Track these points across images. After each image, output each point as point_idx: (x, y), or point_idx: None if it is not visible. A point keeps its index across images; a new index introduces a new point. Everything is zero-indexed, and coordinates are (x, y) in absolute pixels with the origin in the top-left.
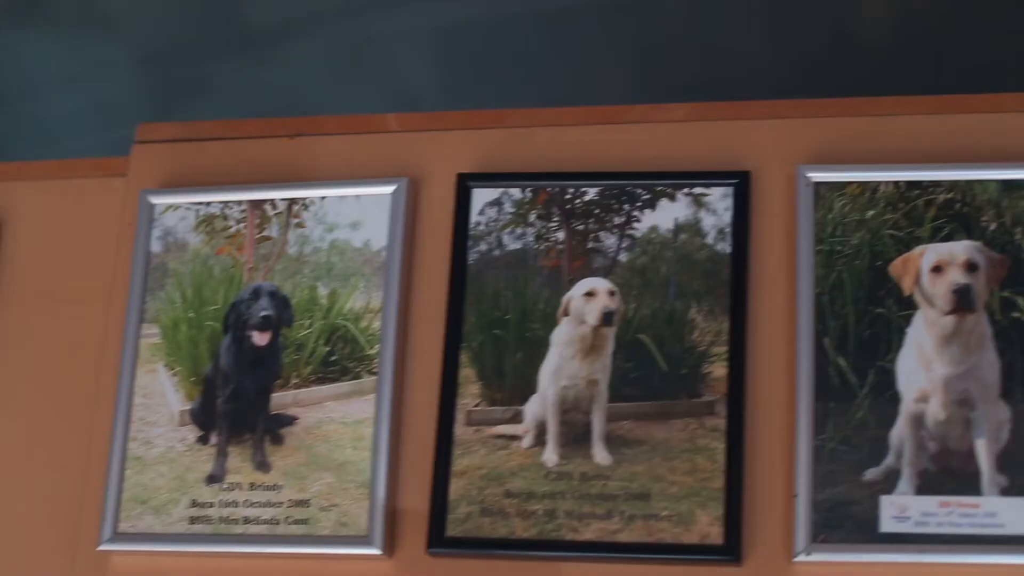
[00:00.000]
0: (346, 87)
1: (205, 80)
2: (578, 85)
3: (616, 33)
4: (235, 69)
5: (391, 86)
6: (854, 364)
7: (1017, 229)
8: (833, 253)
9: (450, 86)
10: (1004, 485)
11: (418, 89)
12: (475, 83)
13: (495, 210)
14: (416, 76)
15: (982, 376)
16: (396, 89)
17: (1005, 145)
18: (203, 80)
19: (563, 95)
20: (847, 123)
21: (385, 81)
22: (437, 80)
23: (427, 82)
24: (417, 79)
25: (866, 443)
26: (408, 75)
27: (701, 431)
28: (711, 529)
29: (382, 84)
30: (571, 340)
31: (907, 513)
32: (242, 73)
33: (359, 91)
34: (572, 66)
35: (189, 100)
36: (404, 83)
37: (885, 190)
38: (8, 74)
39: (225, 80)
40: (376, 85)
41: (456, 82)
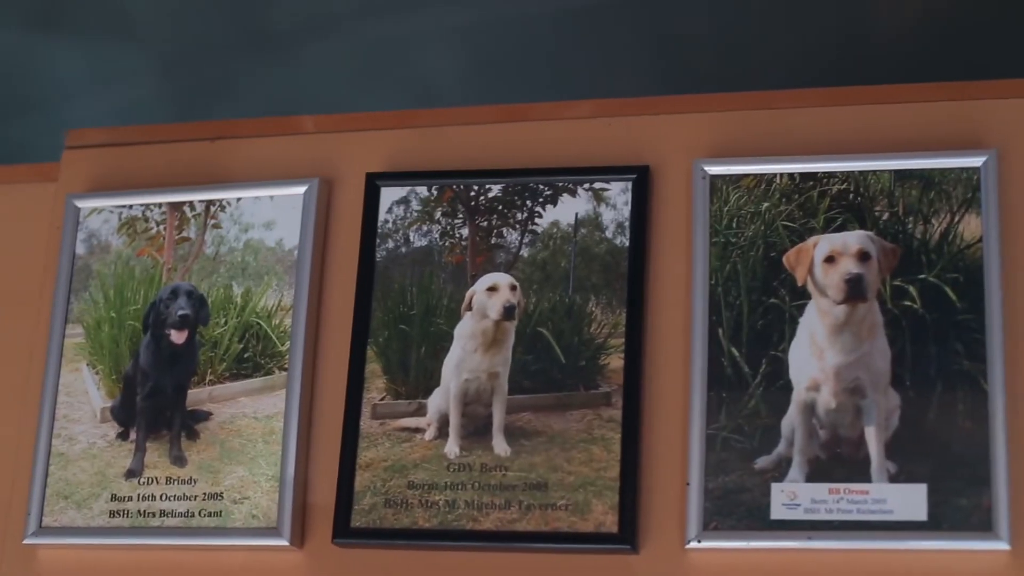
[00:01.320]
0: (368, 87)
1: (227, 82)
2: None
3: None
4: (257, 71)
5: (413, 86)
6: (747, 354)
7: (909, 218)
8: (728, 245)
9: (471, 85)
10: (893, 472)
11: (440, 88)
12: (496, 81)
13: (402, 208)
14: (438, 75)
15: (873, 364)
16: (418, 88)
17: (898, 135)
18: (225, 82)
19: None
20: (745, 116)
21: (407, 81)
22: (459, 79)
23: (449, 81)
24: (439, 78)
25: (758, 432)
26: (430, 74)
27: (598, 422)
28: (606, 518)
29: (404, 84)
30: (473, 334)
31: (797, 500)
32: (264, 75)
33: (381, 91)
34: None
35: (211, 103)
36: (426, 82)
37: (780, 182)
38: (34, 79)
39: (247, 82)
40: (398, 85)
41: (477, 81)
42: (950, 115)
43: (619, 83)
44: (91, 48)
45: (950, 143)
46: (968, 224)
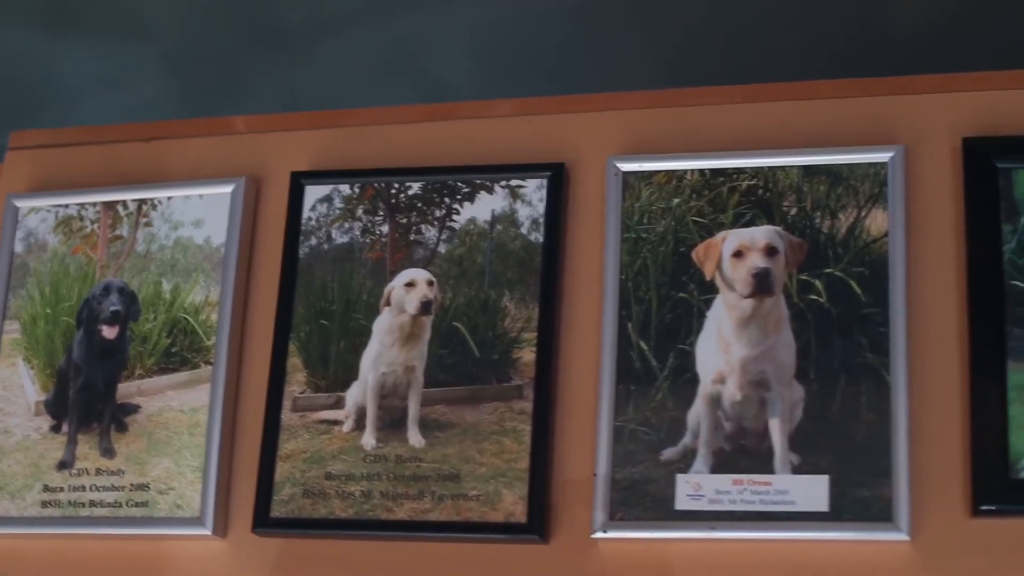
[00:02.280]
0: (379, 85)
1: (238, 81)
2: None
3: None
4: (268, 70)
5: (424, 83)
6: (656, 347)
7: (817, 213)
8: (639, 240)
9: (484, 83)
10: (796, 463)
11: (452, 86)
12: (509, 79)
13: (326, 206)
14: (450, 73)
15: (778, 358)
16: (430, 86)
17: (807, 131)
18: (236, 81)
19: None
20: (658, 114)
21: (419, 79)
22: (471, 77)
23: (461, 79)
24: (451, 76)
25: (665, 424)
26: (442, 72)
27: (509, 414)
28: (516, 508)
29: (416, 82)
30: (391, 329)
31: (701, 491)
32: (275, 74)
33: (392, 89)
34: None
35: (223, 102)
36: (438, 80)
37: (691, 178)
38: (46, 80)
39: (258, 81)
40: (410, 83)
41: (490, 79)
42: (859, 111)
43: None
44: (101, 48)
45: (858, 139)
46: (874, 219)
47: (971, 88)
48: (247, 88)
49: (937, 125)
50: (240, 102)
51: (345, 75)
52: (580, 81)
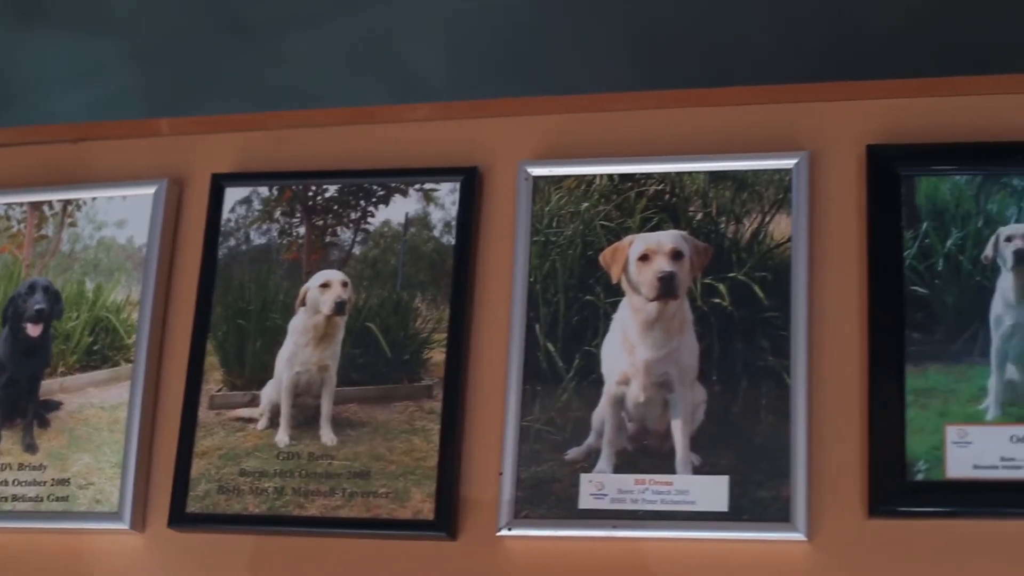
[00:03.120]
0: (350, 80)
1: (208, 75)
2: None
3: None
4: (237, 64)
5: (394, 77)
6: (562, 349)
7: (722, 218)
8: (548, 244)
9: (455, 77)
10: (697, 464)
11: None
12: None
13: (245, 208)
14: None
15: (681, 360)
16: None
17: (715, 137)
18: (206, 75)
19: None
20: (570, 119)
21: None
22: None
23: (432, 72)
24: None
25: (570, 424)
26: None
27: (419, 413)
28: (424, 505)
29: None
30: (306, 328)
31: (604, 490)
32: (244, 67)
33: (363, 84)
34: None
35: (192, 96)
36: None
37: (600, 183)
38: (14, 73)
39: (228, 75)
40: (379, 76)
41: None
42: (765, 118)
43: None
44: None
45: (765, 145)
46: (778, 224)
47: (876, 96)
48: (215, 82)
49: (842, 132)
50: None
51: (314, 69)
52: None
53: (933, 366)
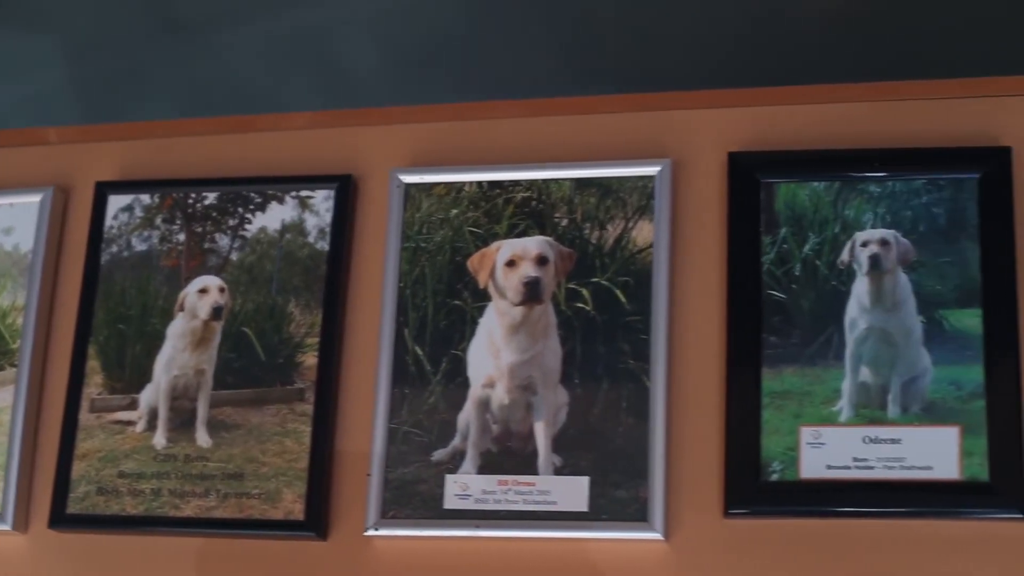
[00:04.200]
0: (285, 78)
1: (140, 74)
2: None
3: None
4: (170, 60)
5: (328, 76)
6: (430, 352)
7: (587, 224)
8: (418, 250)
9: (390, 76)
10: (558, 465)
11: (357, 77)
12: (416, 72)
13: (127, 215)
14: (355, 64)
15: (545, 363)
16: (333, 77)
17: (582, 145)
18: (138, 74)
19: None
20: (442, 127)
21: (323, 69)
22: (375, 68)
23: (366, 70)
24: (356, 67)
25: (436, 426)
26: (347, 63)
27: (291, 416)
28: (295, 506)
29: (320, 73)
30: (184, 333)
31: (468, 491)
32: (177, 66)
33: (298, 82)
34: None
35: (124, 94)
36: (342, 71)
37: (469, 190)
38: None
39: (160, 73)
40: (313, 74)
41: (396, 72)
42: (631, 126)
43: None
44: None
45: (630, 153)
46: (641, 230)
47: (738, 104)
48: (148, 79)
49: (705, 140)
50: (141, 93)
51: (247, 66)
52: (486, 70)
53: (789, 369)
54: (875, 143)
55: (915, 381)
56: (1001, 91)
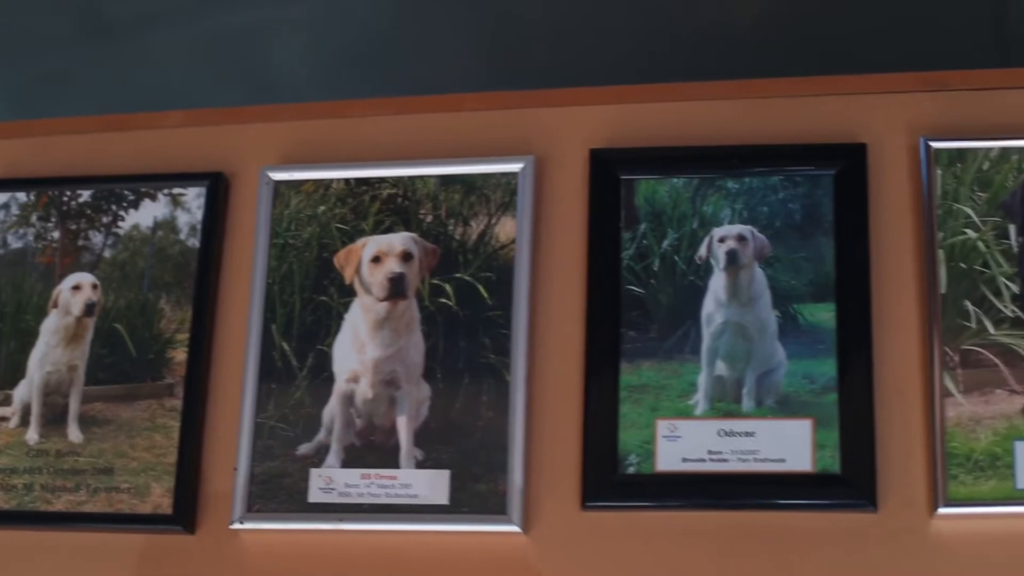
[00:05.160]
0: (211, 79)
1: (65, 74)
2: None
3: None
4: (98, 62)
5: (255, 78)
6: (296, 348)
7: (451, 221)
8: (286, 246)
9: (318, 77)
10: (420, 459)
11: (286, 79)
12: (345, 72)
13: (3, 213)
14: (284, 66)
15: (408, 358)
16: (261, 81)
17: (449, 142)
18: (63, 74)
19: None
20: (312, 125)
21: (252, 72)
22: (305, 70)
23: (295, 72)
24: (285, 69)
25: (302, 420)
26: (276, 65)
27: (161, 411)
28: (163, 500)
29: (247, 76)
30: (57, 329)
31: (332, 484)
32: (103, 66)
33: (225, 83)
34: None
35: (49, 95)
36: (269, 75)
37: (337, 187)
38: None
39: (86, 74)
40: (243, 76)
41: (325, 72)
42: (496, 123)
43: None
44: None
45: (495, 150)
46: (504, 226)
47: (600, 102)
48: (76, 81)
49: (567, 137)
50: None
51: (177, 69)
52: (415, 72)
53: (646, 363)
54: (734, 140)
55: (770, 375)
56: (857, 89)
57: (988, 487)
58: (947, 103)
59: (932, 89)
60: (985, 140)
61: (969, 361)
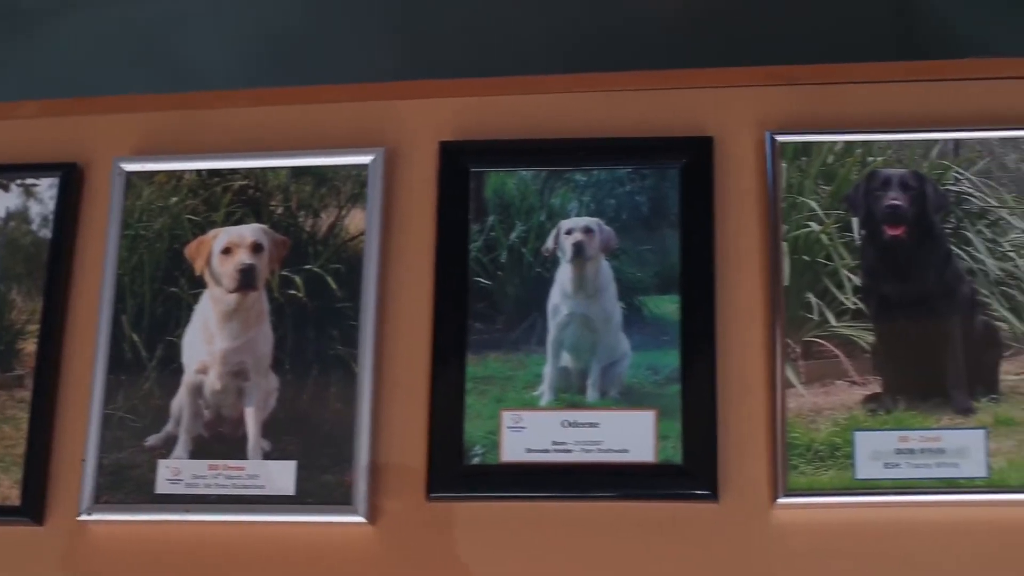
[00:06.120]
0: (123, 68)
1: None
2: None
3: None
4: (7, 52)
5: (166, 66)
6: (146, 339)
7: (301, 212)
8: (138, 237)
9: (232, 65)
10: (267, 450)
11: (197, 69)
12: (255, 61)
13: None
14: (196, 56)
15: (257, 349)
16: (172, 69)
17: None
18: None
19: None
20: (166, 116)
21: (160, 61)
22: (217, 60)
23: (207, 62)
24: (197, 59)
25: (150, 412)
26: (188, 55)
27: (11, 402)
28: (11, 492)
29: (157, 64)
30: None
31: (180, 475)
32: (14, 56)
33: (136, 73)
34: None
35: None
36: (181, 63)
37: (189, 178)
38: None
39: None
40: (156, 66)
41: (240, 60)
42: (349, 115)
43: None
44: None
45: (345, 142)
46: (354, 218)
47: (451, 94)
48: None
49: (418, 130)
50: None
51: (87, 58)
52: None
53: (493, 354)
54: (583, 133)
55: (614, 366)
56: (706, 83)
57: (828, 477)
58: (794, 97)
59: (779, 83)
60: (830, 134)
61: (811, 352)
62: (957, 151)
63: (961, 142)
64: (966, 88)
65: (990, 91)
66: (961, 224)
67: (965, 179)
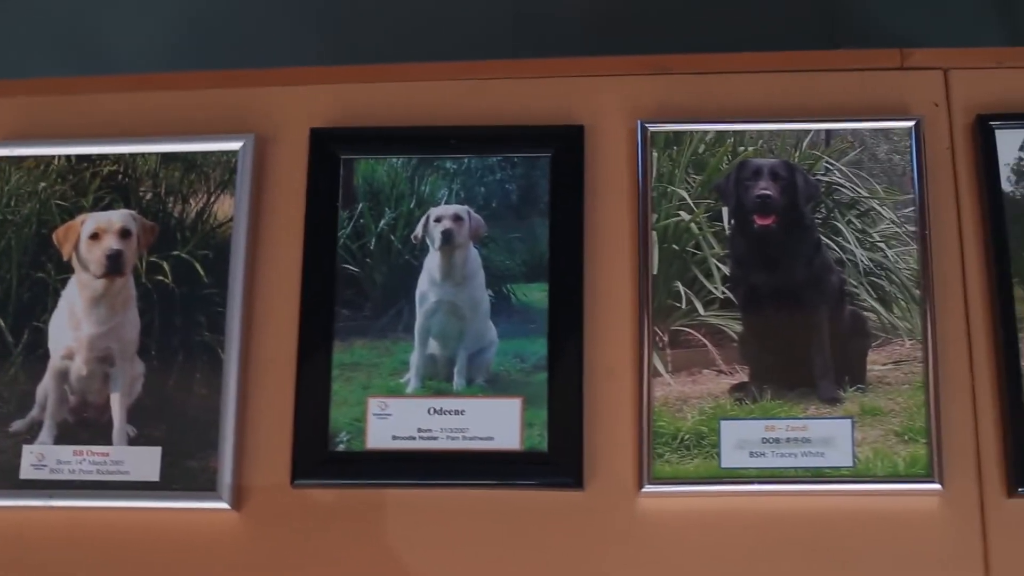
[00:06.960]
0: (53, 56)
1: None
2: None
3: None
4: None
5: (87, 50)
6: (12, 324)
7: (170, 198)
8: (5, 222)
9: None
10: (133, 435)
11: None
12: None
13: None
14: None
15: (123, 335)
16: (94, 53)
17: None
18: None
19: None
20: (33, 102)
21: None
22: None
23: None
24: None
25: (16, 397)
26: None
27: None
28: None
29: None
30: None
31: (44, 461)
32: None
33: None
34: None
35: None
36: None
37: (58, 164)
38: None
39: None
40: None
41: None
42: (218, 102)
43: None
44: None
45: (215, 128)
46: (223, 204)
47: (322, 81)
48: None
49: (290, 116)
50: None
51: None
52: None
53: (359, 341)
54: (454, 120)
55: (481, 353)
56: (578, 72)
57: (693, 466)
58: (666, 86)
59: (652, 72)
60: (701, 123)
61: (678, 341)
62: (828, 141)
63: (832, 132)
64: (838, 79)
65: (862, 82)
66: (831, 214)
67: (836, 169)
